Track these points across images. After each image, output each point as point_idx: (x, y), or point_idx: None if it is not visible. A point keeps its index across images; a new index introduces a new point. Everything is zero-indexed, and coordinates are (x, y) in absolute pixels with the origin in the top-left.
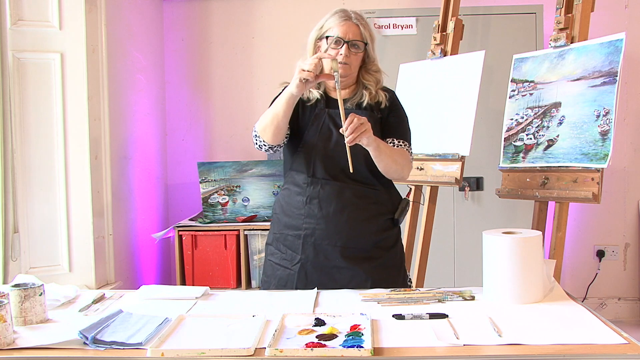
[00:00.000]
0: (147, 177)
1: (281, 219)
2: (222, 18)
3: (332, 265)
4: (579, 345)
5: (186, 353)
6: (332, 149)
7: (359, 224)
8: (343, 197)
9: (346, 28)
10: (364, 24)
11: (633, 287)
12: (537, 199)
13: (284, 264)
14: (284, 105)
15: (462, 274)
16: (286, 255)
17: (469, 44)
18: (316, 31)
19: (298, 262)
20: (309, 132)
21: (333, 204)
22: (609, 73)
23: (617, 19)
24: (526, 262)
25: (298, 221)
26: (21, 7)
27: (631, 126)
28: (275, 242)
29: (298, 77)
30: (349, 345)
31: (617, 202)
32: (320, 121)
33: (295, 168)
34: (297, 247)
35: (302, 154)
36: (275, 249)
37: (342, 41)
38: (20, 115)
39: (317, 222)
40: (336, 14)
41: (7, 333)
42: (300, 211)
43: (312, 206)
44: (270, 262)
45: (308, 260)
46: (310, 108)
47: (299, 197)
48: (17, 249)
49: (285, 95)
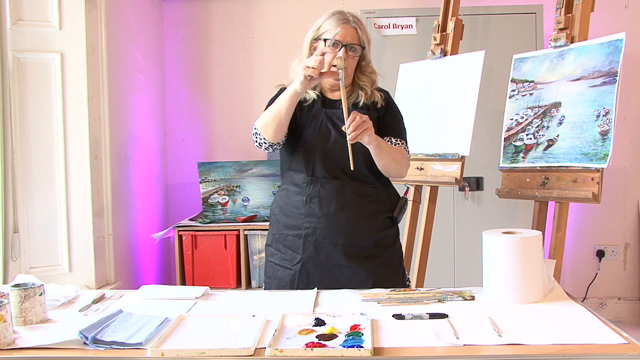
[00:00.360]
0: (147, 177)
1: (280, 219)
2: (222, 18)
3: (334, 264)
4: (579, 345)
5: (186, 353)
6: (331, 148)
7: (359, 222)
8: (343, 196)
9: (344, 31)
10: (361, 27)
11: (633, 287)
12: (537, 198)
13: (284, 264)
14: (287, 102)
15: (462, 274)
16: (286, 256)
17: (469, 44)
18: (313, 32)
19: (299, 262)
20: (307, 132)
21: (334, 202)
22: (609, 73)
23: (617, 19)
24: (526, 262)
25: (298, 221)
26: (21, 7)
27: (631, 126)
28: (275, 242)
29: (302, 74)
30: (349, 345)
31: (617, 202)
32: (318, 121)
33: (294, 168)
34: (297, 246)
35: (300, 154)
36: (275, 249)
37: (340, 44)
38: (20, 115)
39: (318, 221)
40: (334, 17)
41: (7, 333)
42: (300, 210)
43: (313, 205)
44: (270, 263)
45: (309, 260)
46: (308, 108)
47: (298, 196)
48: (17, 248)
49: (289, 93)
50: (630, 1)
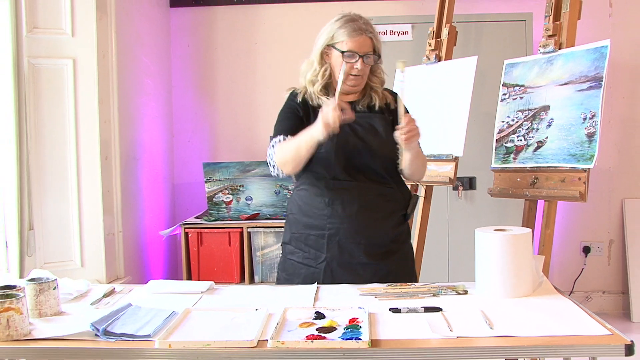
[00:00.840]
0: (154, 177)
1: (300, 219)
2: (226, 25)
3: (356, 262)
4: (566, 337)
5: (192, 344)
6: (351, 151)
7: (378, 221)
8: (364, 197)
9: (360, 42)
10: (374, 33)
11: (617, 281)
12: (527, 197)
13: (308, 262)
14: (307, 147)
15: (456, 270)
16: (309, 254)
17: (462, 49)
18: (326, 38)
19: (323, 261)
20: (327, 136)
21: (355, 204)
22: (594, 78)
23: (602, 27)
24: (516, 258)
25: (321, 221)
26: (36, 16)
27: (615, 129)
28: (295, 241)
29: (324, 128)
30: (348, 337)
31: (602, 201)
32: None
33: (314, 170)
34: (321, 246)
35: (321, 157)
36: (296, 248)
37: (357, 55)
38: (35, 118)
39: (342, 222)
40: (348, 25)
41: (23, 324)
42: (322, 212)
43: (335, 207)
44: (291, 261)
45: (333, 259)
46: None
47: (319, 198)
48: (32, 245)
49: (309, 139)
50: (613, 10)
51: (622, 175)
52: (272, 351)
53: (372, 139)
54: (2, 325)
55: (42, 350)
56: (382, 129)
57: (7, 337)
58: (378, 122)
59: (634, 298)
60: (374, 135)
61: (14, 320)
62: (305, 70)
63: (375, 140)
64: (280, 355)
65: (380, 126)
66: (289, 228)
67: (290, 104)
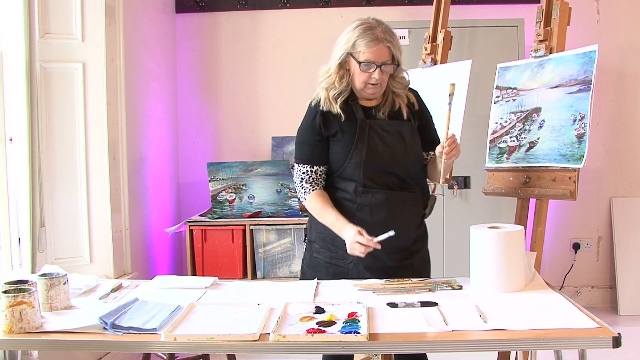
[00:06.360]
0: (160, 176)
1: None
2: (230, 30)
3: (382, 266)
4: (557, 330)
5: (196, 338)
6: (379, 159)
7: (403, 226)
8: (391, 204)
9: (378, 52)
10: (393, 41)
11: (605, 276)
12: (520, 196)
13: (336, 262)
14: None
15: (451, 266)
16: (337, 254)
17: (457, 53)
18: (346, 46)
19: (351, 262)
20: (357, 145)
21: (383, 211)
22: (584, 81)
23: (590, 33)
24: (509, 254)
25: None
26: (48, 22)
27: (604, 130)
28: (321, 241)
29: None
30: (347, 331)
31: (591, 199)
32: (365, 133)
33: (344, 176)
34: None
35: (351, 164)
36: (322, 247)
37: (375, 65)
38: (46, 120)
39: (369, 228)
40: (366, 35)
41: (35, 318)
42: (351, 219)
43: (364, 213)
44: (317, 259)
45: (360, 262)
46: (350, 119)
47: (347, 203)
48: (44, 241)
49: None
50: (600, 17)
51: (610, 174)
52: (273, 344)
53: (399, 147)
54: (15, 318)
55: (53, 343)
56: (409, 136)
57: (20, 330)
58: (406, 130)
59: (621, 292)
60: (402, 143)
61: (26, 313)
62: (323, 77)
63: (403, 148)
64: (282, 349)
65: (408, 133)
66: (315, 227)
67: (310, 121)
